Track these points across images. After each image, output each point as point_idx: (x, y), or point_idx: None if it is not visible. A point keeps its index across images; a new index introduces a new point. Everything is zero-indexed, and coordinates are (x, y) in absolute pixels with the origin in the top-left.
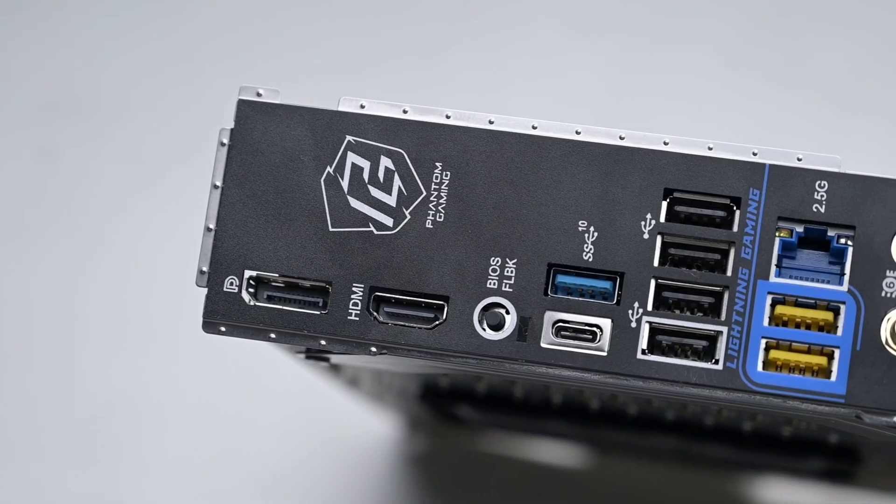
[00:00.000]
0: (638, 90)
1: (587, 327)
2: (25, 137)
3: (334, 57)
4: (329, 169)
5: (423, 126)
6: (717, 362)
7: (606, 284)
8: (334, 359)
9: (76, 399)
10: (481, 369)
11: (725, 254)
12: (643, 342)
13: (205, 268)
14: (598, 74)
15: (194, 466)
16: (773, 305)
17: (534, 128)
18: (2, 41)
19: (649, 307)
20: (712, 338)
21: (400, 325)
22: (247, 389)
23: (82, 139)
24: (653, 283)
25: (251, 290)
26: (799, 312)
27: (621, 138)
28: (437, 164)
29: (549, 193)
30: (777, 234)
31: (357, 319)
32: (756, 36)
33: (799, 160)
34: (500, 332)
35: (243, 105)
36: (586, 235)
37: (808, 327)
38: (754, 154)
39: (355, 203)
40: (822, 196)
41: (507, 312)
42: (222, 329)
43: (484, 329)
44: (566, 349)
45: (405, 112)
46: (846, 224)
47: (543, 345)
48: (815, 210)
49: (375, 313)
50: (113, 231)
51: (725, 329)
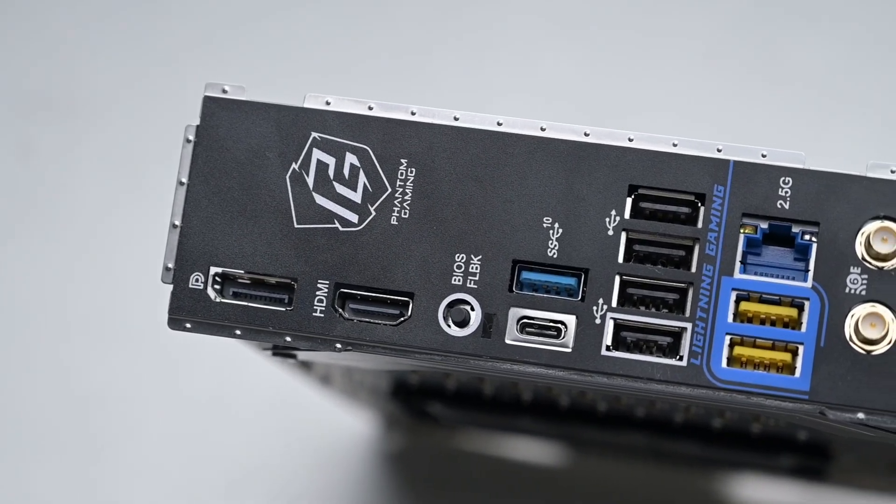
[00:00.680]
0: (617, 84)
1: (552, 324)
2: (3, 136)
3: (313, 59)
4: (294, 165)
5: (389, 123)
6: (682, 359)
7: (571, 281)
8: (302, 356)
9: (52, 396)
10: (447, 366)
11: (690, 250)
12: (608, 338)
13: (170, 264)
14: (579, 70)
15: (170, 464)
16: (738, 302)
17: (499, 124)
18: None
19: (614, 303)
20: (677, 334)
21: (365, 322)
22: (223, 386)
23: (60, 138)
24: (617, 280)
25: (217, 287)
26: (763, 309)
27: (586, 135)
28: (403, 161)
29: (514, 190)
30: (741, 231)
31: (322, 316)
32: (735, 30)
33: (763, 156)
34: (465, 329)
35: (209, 101)
36: (551, 232)
37: (773, 324)
38: (719, 150)
39: (321, 200)
40: (787, 192)
41: (472, 309)
42: (188, 326)
43: (449, 325)
44: (531, 345)
45: (371, 108)
46: (810, 220)
47: (508, 341)
48: (780, 206)
49: (341, 310)
50: (90, 229)
51: (690, 325)
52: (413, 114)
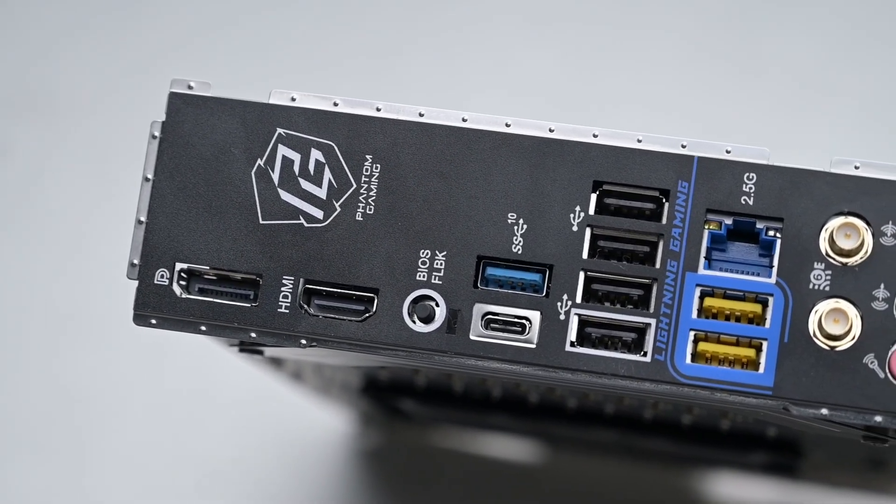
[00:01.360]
0: (592, 79)
1: (516, 320)
2: None
3: (292, 59)
4: (260, 161)
5: (354, 119)
6: (646, 354)
7: (536, 277)
8: (270, 352)
9: (26, 394)
10: (412, 362)
11: (654, 246)
12: (572, 334)
13: (136, 260)
14: (555, 65)
15: (145, 461)
16: (702, 297)
17: (464, 120)
18: None
19: (578, 299)
20: (641, 330)
21: (330, 318)
22: (199, 383)
23: (37, 138)
24: (582, 276)
25: (182, 283)
26: (727, 304)
27: (551, 130)
28: (368, 157)
29: (479, 186)
30: (706, 227)
31: (287, 312)
32: (713, 24)
33: (728, 152)
34: (430, 325)
35: (175, 98)
36: (516, 228)
37: (737, 319)
38: (683, 146)
39: (286, 196)
40: (751, 188)
41: (437, 305)
42: (153, 322)
43: (414, 321)
44: (495, 341)
45: (336, 105)
46: (774, 216)
47: (473, 337)
48: (744, 202)
49: (306, 306)
50: (65, 227)
51: (654, 321)
52: (378, 110)
